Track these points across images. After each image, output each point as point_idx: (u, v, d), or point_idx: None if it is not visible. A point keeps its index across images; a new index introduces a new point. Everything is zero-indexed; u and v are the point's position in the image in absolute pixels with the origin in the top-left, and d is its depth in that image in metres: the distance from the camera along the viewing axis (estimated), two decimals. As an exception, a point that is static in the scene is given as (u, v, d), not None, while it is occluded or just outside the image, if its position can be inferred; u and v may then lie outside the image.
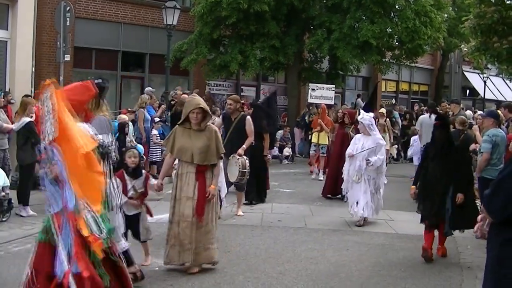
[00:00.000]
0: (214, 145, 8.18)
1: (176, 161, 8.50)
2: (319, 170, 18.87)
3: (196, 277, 7.95)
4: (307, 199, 14.83)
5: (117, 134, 15.42)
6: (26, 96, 13.70)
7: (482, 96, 42.20)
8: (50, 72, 21.98)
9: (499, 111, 14.08)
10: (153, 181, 8.51)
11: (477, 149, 12.82)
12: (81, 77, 23.30)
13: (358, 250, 9.81)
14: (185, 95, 19.75)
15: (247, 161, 11.85)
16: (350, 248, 9.92)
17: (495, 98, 43.39)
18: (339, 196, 14.35)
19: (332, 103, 22.49)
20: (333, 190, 14.93)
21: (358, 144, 11.93)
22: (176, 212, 8.12)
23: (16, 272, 7.87)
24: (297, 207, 13.67)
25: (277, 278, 8.10)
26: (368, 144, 11.71)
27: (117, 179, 7.86)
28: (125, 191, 8.07)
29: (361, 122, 11.95)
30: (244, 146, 11.97)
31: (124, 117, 16.08)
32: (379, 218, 12.42)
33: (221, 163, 8.77)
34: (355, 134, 13.91)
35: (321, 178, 17.94)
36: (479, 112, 22.81)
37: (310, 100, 22.02)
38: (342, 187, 12.83)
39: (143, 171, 8.61)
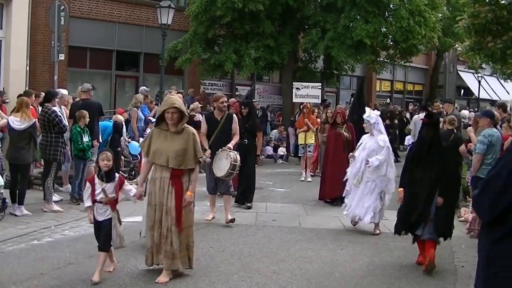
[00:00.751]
0: (191, 148, 7.71)
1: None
2: (306, 171, 18.47)
3: (190, 277, 7.94)
4: (302, 198, 14.83)
5: (112, 134, 15.46)
6: (22, 95, 13.69)
7: (477, 95, 42.31)
8: (45, 71, 22.04)
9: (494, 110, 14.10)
10: (129, 187, 8.19)
11: (472, 149, 12.86)
12: (75, 76, 23.46)
13: (353, 250, 9.82)
14: (180, 95, 19.80)
15: (237, 155, 11.24)
16: (345, 247, 9.93)
17: (490, 98, 43.52)
18: (336, 201, 13.42)
19: (319, 101, 21.99)
20: (330, 194, 14.01)
21: (362, 144, 11.41)
22: (152, 219, 7.75)
23: (11, 272, 7.87)
24: (291, 207, 13.67)
25: (271, 277, 8.10)
26: (370, 144, 11.13)
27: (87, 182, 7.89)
28: (93, 195, 7.76)
29: (367, 120, 11.24)
30: (233, 141, 11.49)
31: (120, 117, 16.10)
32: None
33: (198, 168, 8.01)
34: (348, 134, 14.02)
35: (310, 180, 17.83)
36: (471, 112, 22.88)
37: (295, 100, 21.30)
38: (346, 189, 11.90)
39: (117, 175, 8.07)
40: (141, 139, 16.89)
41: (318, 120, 19.21)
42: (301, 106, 19.87)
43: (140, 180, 8.22)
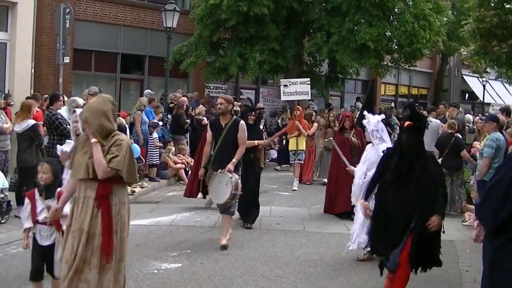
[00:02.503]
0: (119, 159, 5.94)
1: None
2: (294, 180, 17.24)
3: (195, 280, 7.95)
4: (306, 202, 14.82)
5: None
6: (28, 98, 13.72)
7: (481, 100, 42.26)
8: (50, 74, 22.08)
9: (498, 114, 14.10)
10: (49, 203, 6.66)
11: (475, 154, 12.87)
12: (80, 79, 23.48)
13: (357, 254, 9.81)
14: (185, 98, 19.85)
15: (239, 180, 9.88)
16: (349, 251, 9.92)
17: (494, 102, 43.45)
18: (346, 215, 12.28)
19: (309, 98, 20.49)
20: (338, 206, 12.82)
21: (363, 156, 9.85)
22: (69, 248, 5.97)
23: (15, 274, 7.88)
24: (296, 210, 13.66)
25: (275, 281, 8.10)
26: (371, 156, 9.43)
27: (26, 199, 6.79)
28: (34, 214, 6.69)
29: (366, 127, 9.79)
30: (234, 160, 9.90)
31: (121, 120, 16.12)
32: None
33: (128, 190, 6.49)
34: (357, 140, 13.08)
35: (296, 188, 16.78)
36: (476, 116, 22.85)
37: (283, 98, 19.75)
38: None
39: (59, 189, 6.74)
40: (154, 143, 17.00)
41: (316, 124, 18.69)
42: (285, 109, 19.20)
43: (62, 199, 6.40)
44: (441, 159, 14.31)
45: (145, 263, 8.68)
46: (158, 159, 16.95)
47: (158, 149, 16.98)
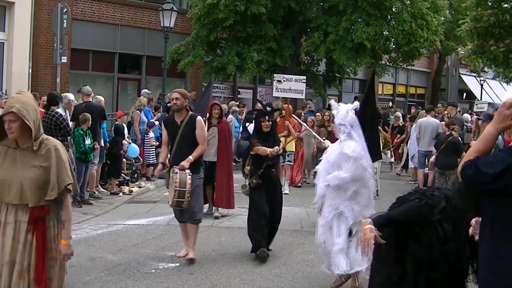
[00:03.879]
0: (55, 171, 4.92)
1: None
2: (284, 182, 15.94)
3: (192, 280, 7.95)
4: (304, 202, 14.78)
5: (114, 137, 15.51)
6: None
7: (479, 99, 42.28)
8: (47, 74, 22.05)
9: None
10: None
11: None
12: (77, 79, 23.46)
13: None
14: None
15: (189, 176, 8.59)
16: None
17: (492, 101, 43.49)
18: None
19: (303, 97, 19.69)
20: None
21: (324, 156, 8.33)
22: None
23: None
24: (293, 210, 13.63)
25: (273, 280, 8.10)
26: (333, 156, 7.84)
27: None
28: None
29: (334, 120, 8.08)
30: (190, 157, 8.70)
31: (124, 119, 16.22)
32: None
33: (69, 201, 5.20)
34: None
35: (287, 192, 15.67)
36: (473, 116, 22.90)
37: (275, 94, 18.91)
38: None
39: None
40: (150, 142, 17.00)
41: (309, 123, 17.61)
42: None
43: None
44: (434, 156, 14.37)
45: (142, 262, 8.67)
46: (154, 158, 16.93)
47: (154, 149, 16.97)
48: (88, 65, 24.97)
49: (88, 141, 12.96)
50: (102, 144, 14.34)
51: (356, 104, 8.04)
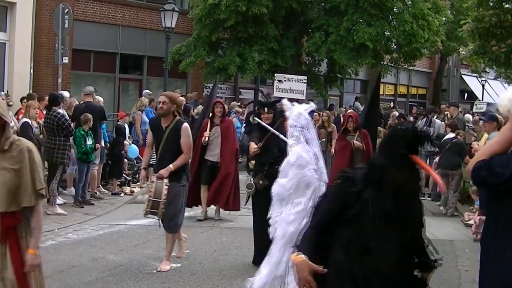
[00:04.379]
0: (27, 175, 4.51)
1: None
2: None
3: (194, 280, 7.94)
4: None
5: (115, 137, 15.52)
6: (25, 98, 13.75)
7: (480, 99, 42.25)
8: (48, 74, 22.06)
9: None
10: None
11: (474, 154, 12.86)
12: (79, 79, 23.47)
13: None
14: (183, 98, 19.85)
15: (166, 186, 8.02)
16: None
17: (493, 102, 43.46)
18: None
19: (304, 97, 18.89)
20: None
21: None
22: None
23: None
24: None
25: (275, 281, 8.09)
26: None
27: None
28: None
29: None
30: (171, 165, 8.15)
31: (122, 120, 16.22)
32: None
33: (41, 207, 4.76)
34: (361, 143, 11.42)
35: None
36: (474, 116, 22.86)
37: (276, 94, 18.21)
38: None
39: None
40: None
41: None
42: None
43: None
44: (437, 157, 14.34)
45: (144, 263, 8.67)
46: (155, 159, 16.91)
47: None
48: (90, 66, 24.97)
49: (89, 142, 12.97)
50: (103, 144, 14.36)
51: (312, 105, 7.41)
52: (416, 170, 3.75)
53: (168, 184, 8.04)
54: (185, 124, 8.50)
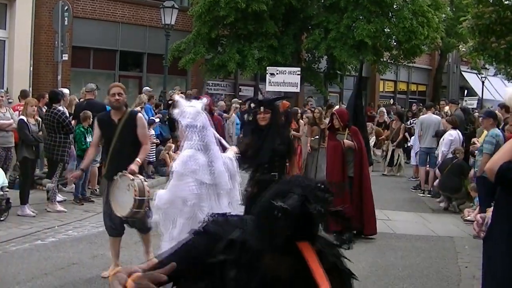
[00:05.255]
0: None
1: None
2: None
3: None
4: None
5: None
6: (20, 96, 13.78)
7: (480, 96, 42.27)
8: (48, 72, 22.04)
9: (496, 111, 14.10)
10: None
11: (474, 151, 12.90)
12: (78, 76, 23.47)
13: (356, 250, 9.80)
14: (182, 95, 19.83)
15: (146, 182, 7.47)
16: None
17: (493, 98, 43.46)
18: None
19: (298, 90, 18.70)
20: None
21: None
22: None
23: (14, 272, 7.88)
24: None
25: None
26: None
27: None
28: None
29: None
30: (138, 159, 7.59)
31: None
32: (377, 218, 12.41)
33: None
34: (353, 141, 10.55)
35: None
36: (475, 112, 22.84)
37: (268, 88, 17.90)
38: None
39: None
40: (150, 140, 16.97)
41: (302, 122, 16.31)
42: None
43: None
44: (438, 180, 14.25)
45: (143, 260, 8.65)
46: (154, 156, 16.92)
47: (155, 146, 16.95)
48: (89, 63, 24.97)
49: (89, 139, 12.93)
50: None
51: (205, 101, 6.53)
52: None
53: (146, 179, 7.68)
54: (140, 114, 8.12)
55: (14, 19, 20.07)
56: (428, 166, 16.27)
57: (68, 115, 12.68)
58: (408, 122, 22.35)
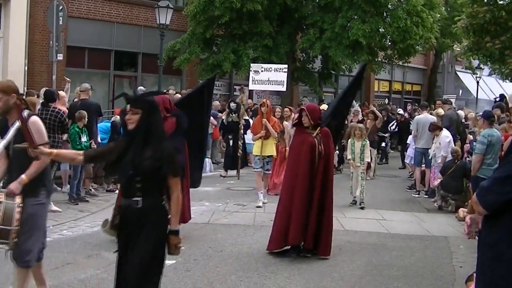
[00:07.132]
0: None
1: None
2: (259, 195, 13.47)
3: (189, 277, 7.94)
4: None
5: (110, 134, 15.49)
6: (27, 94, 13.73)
7: (475, 96, 42.36)
8: (43, 71, 22.01)
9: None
10: None
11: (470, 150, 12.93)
12: (73, 76, 23.43)
13: (351, 250, 9.82)
14: (178, 95, 19.83)
15: (18, 208, 5.77)
16: (343, 247, 9.91)
17: (488, 98, 43.56)
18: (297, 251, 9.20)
19: (284, 89, 17.68)
20: (288, 237, 9.11)
21: None
22: None
23: (8, 271, 7.83)
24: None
25: (269, 277, 8.10)
26: None
27: None
28: None
29: None
30: (23, 176, 5.85)
31: (117, 117, 16.15)
32: (372, 218, 12.44)
33: None
34: (321, 145, 9.12)
35: (265, 201, 13.52)
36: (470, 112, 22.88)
37: (251, 87, 17.11)
38: None
39: None
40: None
41: (286, 123, 15.17)
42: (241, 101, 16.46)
43: None
44: (440, 180, 14.22)
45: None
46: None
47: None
48: (84, 63, 24.94)
49: (84, 139, 12.95)
50: (99, 140, 14.34)
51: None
52: None
53: (21, 204, 5.82)
54: (34, 117, 6.10)
55: (9, 18, 20.06)
56: (423, 166, 16.24)
57: (65, 113, 12.68)
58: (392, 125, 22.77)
